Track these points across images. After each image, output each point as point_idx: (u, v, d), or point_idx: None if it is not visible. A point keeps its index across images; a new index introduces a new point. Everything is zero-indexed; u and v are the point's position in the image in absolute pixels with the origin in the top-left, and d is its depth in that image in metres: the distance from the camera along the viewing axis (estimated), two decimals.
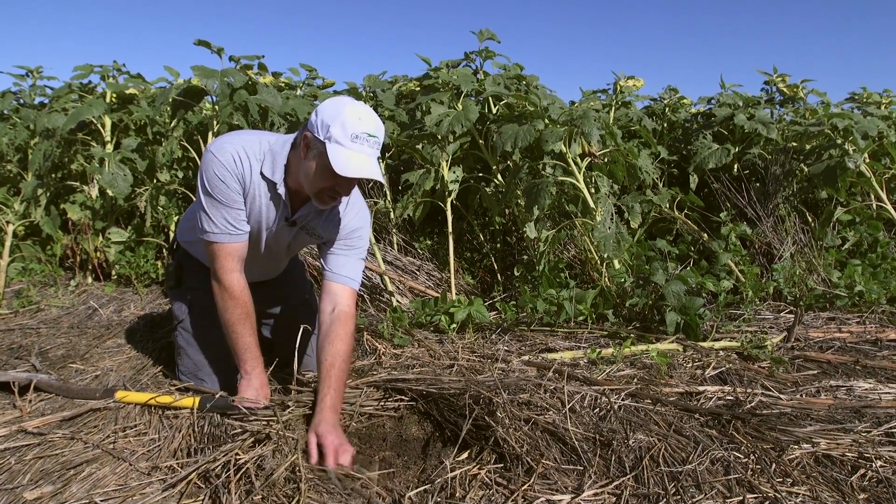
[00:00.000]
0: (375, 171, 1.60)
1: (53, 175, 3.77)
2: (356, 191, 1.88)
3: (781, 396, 1.99)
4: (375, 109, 3.78)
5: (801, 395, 2.02)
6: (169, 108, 3.60)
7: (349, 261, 1.86)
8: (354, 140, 1.57)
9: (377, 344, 2.42)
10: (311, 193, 1.69)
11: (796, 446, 1.65)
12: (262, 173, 1.73)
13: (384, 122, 3.57)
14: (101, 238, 3.61)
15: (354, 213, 1.88)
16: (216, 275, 1.79)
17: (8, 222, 3.47)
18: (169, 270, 2.15)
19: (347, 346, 1.76)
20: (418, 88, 3.77)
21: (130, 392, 1.89)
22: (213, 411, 1.72)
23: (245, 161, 1.72)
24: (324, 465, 1.51)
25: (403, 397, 1.86)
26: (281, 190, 1.74)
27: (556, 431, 1.67)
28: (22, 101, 4.36)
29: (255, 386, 1.80)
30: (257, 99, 3.26)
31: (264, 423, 1.64)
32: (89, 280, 3.63)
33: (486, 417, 1.65)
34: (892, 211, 3.62)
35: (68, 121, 3.43)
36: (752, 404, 1.91)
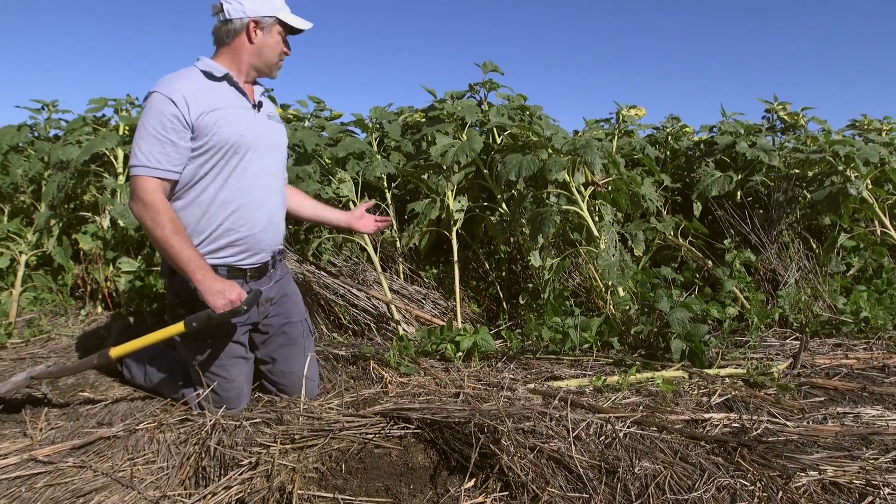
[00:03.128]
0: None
1: (66, 206, 3.84)
2: None
3: (788, 423, 1.99)
4: (382, 140, 3.86)
5: (808, 422, 2.01)
6: None
7: None
8: (286, 4, 2.02)
9: (383, 372, 2.44)
10: (272, 66, 2.03)
11: (803, 474, 1.64)
12: (216, 77, 1.92)
13: (391, 153, 3.65)
14: (111, 268, 3.66)
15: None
16: (136, 197, 1.80)
17: (21, 252, 3.53)
18: (171, 306, 2.01)
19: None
20: (424, 119, 3.83)
21: (123, 345, 1.95)
22: (200, 325, 1.85)
23: (195, 83, 1.88)
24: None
25: (409, 425, 1.87)
26: (239, 79, 1.98)
27: (561, 459, 1.68)
28: (37, 133, 4.46)
29: (217, 291, 1.82)
30: None
31: (263, 452, 1.66)
32: (99, 309, 3.67)
33: (491, 445, 1.66)
34: None
35: (82, 152, 3.51)
36: (759, 431, 1.91)
